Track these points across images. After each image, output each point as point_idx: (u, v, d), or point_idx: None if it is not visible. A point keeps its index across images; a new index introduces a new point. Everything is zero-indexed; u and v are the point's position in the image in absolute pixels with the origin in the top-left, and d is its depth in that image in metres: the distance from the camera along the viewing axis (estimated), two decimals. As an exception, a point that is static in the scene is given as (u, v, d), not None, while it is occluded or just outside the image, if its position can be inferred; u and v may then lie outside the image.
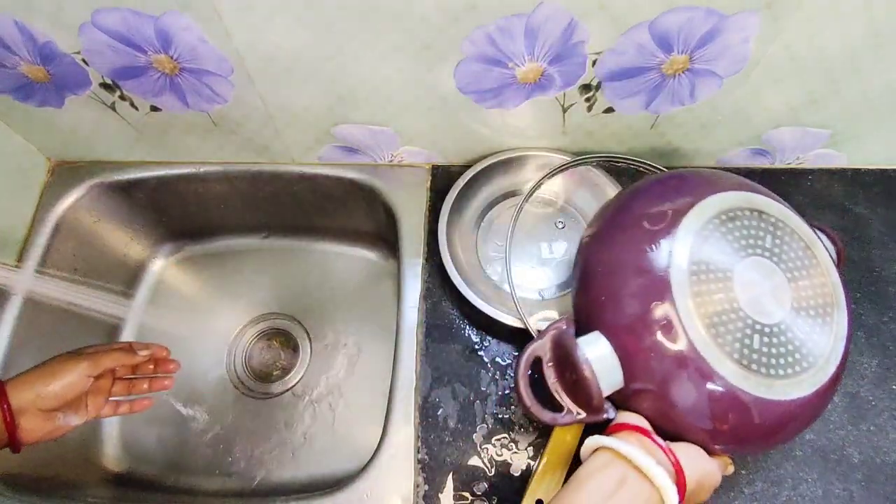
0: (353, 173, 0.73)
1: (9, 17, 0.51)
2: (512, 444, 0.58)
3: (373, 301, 0.84)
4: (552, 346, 0.49)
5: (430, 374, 0.61)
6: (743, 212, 0.47)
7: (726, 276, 0.44)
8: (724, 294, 0.44)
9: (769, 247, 0.46)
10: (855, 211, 0.70)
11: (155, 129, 0.66)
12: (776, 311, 0.44)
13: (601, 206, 0.55)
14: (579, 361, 0.44)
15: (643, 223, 0.47)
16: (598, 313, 0.47)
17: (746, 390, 0.42)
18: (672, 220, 0.46)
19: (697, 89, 0.58)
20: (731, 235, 0.46)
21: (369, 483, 0.56)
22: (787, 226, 0.48)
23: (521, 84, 0.58)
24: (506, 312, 0.60)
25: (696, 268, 0.44)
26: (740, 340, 0.43)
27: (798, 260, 0.46)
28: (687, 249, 0.44)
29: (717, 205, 0.47)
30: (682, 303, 0.43)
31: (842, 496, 0.56)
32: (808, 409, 0.45)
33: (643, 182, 0.54)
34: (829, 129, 0.65)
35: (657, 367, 0.43)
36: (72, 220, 0.72)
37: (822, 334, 0.45)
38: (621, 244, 0.48)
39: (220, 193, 0.77)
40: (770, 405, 0.42)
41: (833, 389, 0.46)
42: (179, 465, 0.75)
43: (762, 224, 0.47)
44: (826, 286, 0.46)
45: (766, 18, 0.50)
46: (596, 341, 0.45)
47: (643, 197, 0.51)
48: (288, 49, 0.53)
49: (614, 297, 0.46)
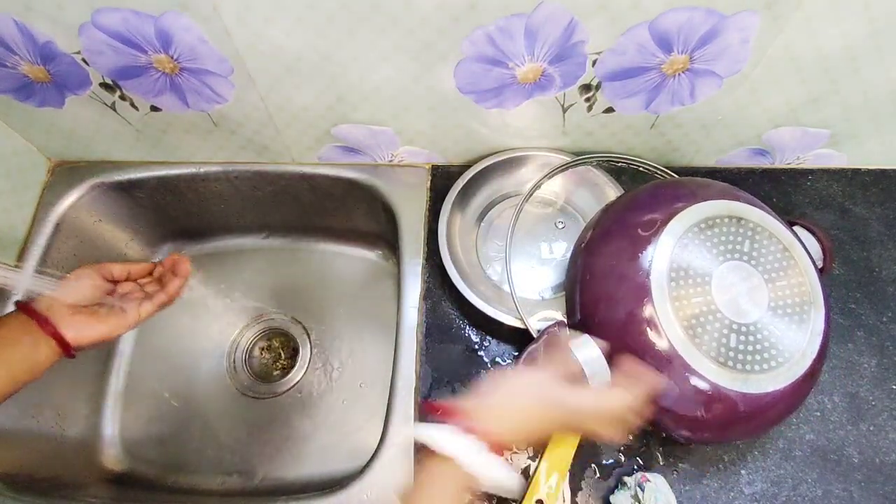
0: (353, 173, 0.73)
1: (9, 17, 0.51)
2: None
3: (373, 301, 0.84)
4: (546, 347, 0.53)
5: (430, 374, 0.61)
6: (723, 219, 0.51)
7: (704, 280, 0.48)
8: (703, 297, 0.48)
9: (747, 251, 0.50)
10: (854, 211, 0.70)
11: (155, 129, 0.66)
12: (752, 311, 0.48)
13: (593, 216, 0.59)
14: (571, 361, 0.48)
15: (628, 233, 0.51)
16: (587, 317, 0.52)
17: (724, 385, 0.46)
18: (655, 229, 0.50)
19: (697, 89, 0.58)
20: (710, 242, 0.50)
21: (369, 483, 0.56)
22: (765, 230, 0.51)
23: (521, 84, 0.58)
24: (506, 312, 0.60)
25: (675, 274, 0.48)
26: (717, 340, 0.47)
27: (776, 262, 0.50)
28: (667, 257, 0.49)
29: (697, 214, 0.50)
30: (661, 307, 0.47)
31: (842, 496, 0.56)
32: (784, 401, 0.48)
33: (630, 193, 0.58)
34: (829, 129, 0.65)
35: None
36: (72, 219, 0.72)
37: (798, 331, 0.49)
38: (607, 252, 0.52)
39: (220, 193, 0.77)
40: (747, 398, 0.46)
41: (810, 383, 0.50)
42: (179, 465, 0.75)
43: (741, 230, 0.51)
44: (804, 286, 0.50)
45: (766, 18, 0.50)
46: (586, 343, 0.49)
47: (629, 207, 0.55)
48: (288, 49, 0.53)
49: (601, 302, 0.51)
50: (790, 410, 0.51)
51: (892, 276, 0.67)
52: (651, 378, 0.46)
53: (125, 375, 0.79)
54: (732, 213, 0.51)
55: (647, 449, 0.57)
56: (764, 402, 0.47)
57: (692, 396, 0.47)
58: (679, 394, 0.47)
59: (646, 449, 0.58)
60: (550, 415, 0.45)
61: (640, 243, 0.50)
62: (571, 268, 0.56)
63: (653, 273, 0.48)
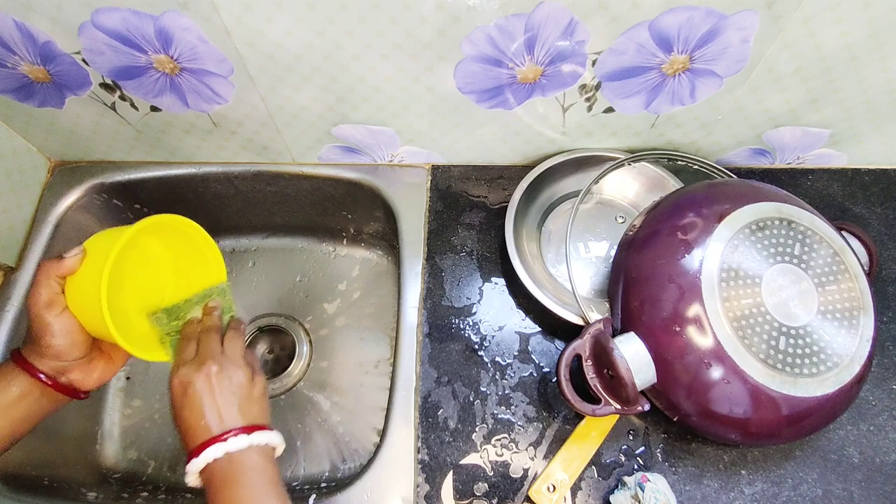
0: (354, 173, 0.73)
1: (9, 18, 0.51)
2: (512, 444, 0.58)
3: (373, 301, 0.84)
4: (591, 344, 0.53)
5: (430, 374, 0.61)
6: (773, 221, 0.51)
7: (755, 281, 0.48)
8: (752, 299, 0.48)
9: (798, 254, 0.50)
10: (854, 211, 0.70)
11: (155, 129, 0.66)
12: (802, 315, 0.48)
13: (639, 213, 0.58)
14: (616, 359, 0.49)
15: (678, 233, 0.51)
16: (634, 314, 0.51)
17: (772, 387, 0.46)
18: (705, 229, 0.50)
19: (697, 89, 0.58)
20: (761, 244, 0.50)
21: (369, 483, 0.56)
22: (816, 234, 0.51)
23: (520, 84, 0.58)
24: (561, 305, 0.60)
25: (726, 274, 0.48)
26: (766, 341, 0.46)
27: (826, 266, 0.50)
28: (718, 257, 0.48)
29: (748, 215, 0.50)
30: (711, 307, 0.47)
31: (842, 496, 0.56)
32: (831, 406, 0.49)
33: (676, 193, 0.58)
34: (829, 129, 0.65)
35: (687, 365, 0.47)
36: (72, 220, 0.72)
37: (848, 336, 0.48)
38: (657, 252, 0.52)
39: (220, 193, 0.77)
40: (795, 401, 0.46)
41: (858, 388, 0.50)
42: (179, 465, 0.75)
43: (791, 233, 0.51)
44: (854, 291, 0.50)
45: (766, 18, 0.50)
46: (631, 341, 0.49)
47: (680, 207, 0.54)
48: (288, 49, 0.53)
49: (649, 301, 0.50)
50: (836, 415, 0.52)
51: (892, 276, 0.66)
52: None
53: (125, 375, 0.79)
54: (783, 215, 0.51)
55: (647, 449, 0.58)
56: (811, 406, 0.47)
57: (740, 399, 0.47)
58: (727, 396, 0.47)
59: (646, 449, 0.58)
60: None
61: (690, 243, 0.50)
62: (615, 267, 0.56)
63: (703, 273, 0.48)
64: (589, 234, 0.69)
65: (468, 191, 0.72)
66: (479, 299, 0.65)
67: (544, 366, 0.62)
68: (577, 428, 0.58)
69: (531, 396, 0.60)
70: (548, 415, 0.59)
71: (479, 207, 0.71)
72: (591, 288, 0.66)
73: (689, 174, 0.69)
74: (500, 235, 0.67)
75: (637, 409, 0.50)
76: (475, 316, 0.65)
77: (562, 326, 0.61)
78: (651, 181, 0.69)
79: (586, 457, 0.56)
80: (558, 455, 0.56)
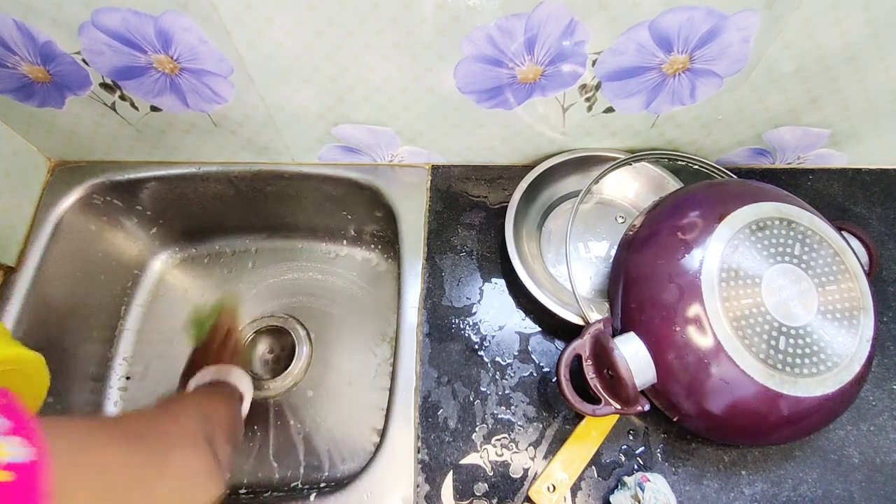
0: (353, 173, 0.73)
1: (9, 18, 0.51)
2: (512, 444, 0.58)
3: (373, 301, 0.84)
4: (591, 344, 0.53)
5: (430, 374, 0.61)
6: (773, 221, 0.51)
7: (755, 281, 0.48)
8: (752, 299, 0.48)
9: (798, 254, 0.50)
10: (854, 211, 0.70)
11: (155, 129, 0.66)
12: (802, 315, 0.48)
13: (639, 213, 0.58)
14: (616, 359, 0.49)
15: (678, 233, 0.51)
16: (634, 314, 0.52)
17: (772, 387, 0.46)
18: (705, 229, 0.50)
19: (698, 89, 0.58)
20: (761, 244, 0.50)
21: (369, 483, 0.56)
22: (816, 234, 0.51)
23: (520, 84, 0.58)
24: (561, 305, 0.59)
25: (726, 274, 0.48)
26: (766, 341, 0.47)
27: (826, 267, 0.50)
28: (718, 257, 0.48)
29: (748, 215, 0.50)
30: (711, 306, 0.47)
31: (842, 497, 0.56)
32: (831, 406, 0.49)
33: (676, 193, 0.58)
34: (829, 129, 0.65)
35: (687, 365, 0.47)
36: (72, 220, 0.72)
37: (848, 336, 0.48)
38: (657, 252, 0.52)
39: (220, 193, 0.77)
40: (795, 401, 0.47)
41: (858, 388, 0.50)
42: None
43: (791, 233, 0.51)
44: (854, 291, 0.50)
45: (766, 18, 0.50)
46: (631, 341, 0.49)
47: (680, 207, 0.54)
48: (288, 49, 0.53)
49: (649, 301, 0.50)
50: (836, 415, 0.52)
51: (892, 276, 0.66)
52: None
53: (125, 375, 0.79)
54: (783, 215, 0.51)
55: (647, 449, 0.58)
56: (811, 406, 0.47)
57: (740, 399, 0.47)
58: (727, 396, 0.47)
59: (646, 449, 0.58)
60: None
61: (690, 243, 0.50)
62: (615, 267, 0.56)
63: (703, 273, 0.48)
64: (589, 234, 0.69)
65: (468, 191, 0.72)
66: (479, 299, 0.65)
67: (544, 366, 0.62)
68: (577, 428, 0.58)
69: (531, 396, 0.60)
70: (548, 415, 0.59)
71: (479, 207, 0.71)
72: (591, 288, 0.66)
73: (689, 174, 0.69)
74: (500, 235, 0.67)
75: (637, 409, 0.50)
76: (475, 316, 0.65)
77: (562, 326, 0.61)
78: (651, 181, 0.69)
79: (586, 457, 0.56)
80: (558, 455, 0.56)
